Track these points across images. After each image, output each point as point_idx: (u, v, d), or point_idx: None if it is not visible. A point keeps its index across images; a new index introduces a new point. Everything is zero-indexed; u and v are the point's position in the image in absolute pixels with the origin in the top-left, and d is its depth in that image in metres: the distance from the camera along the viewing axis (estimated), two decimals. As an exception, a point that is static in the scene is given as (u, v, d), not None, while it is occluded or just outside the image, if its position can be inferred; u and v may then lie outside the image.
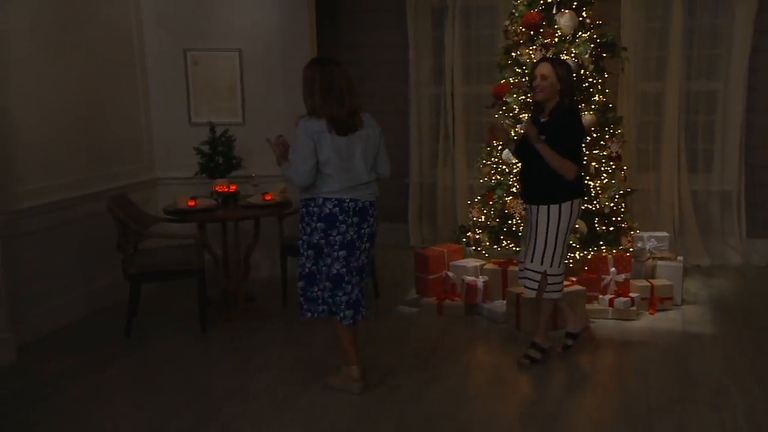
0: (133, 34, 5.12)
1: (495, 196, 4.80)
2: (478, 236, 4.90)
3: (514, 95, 4.72)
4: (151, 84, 5.29)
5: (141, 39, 5.19)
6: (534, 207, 3.63)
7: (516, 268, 4.65)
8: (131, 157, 5.14)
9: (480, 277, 4.68)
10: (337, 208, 3.29)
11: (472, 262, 4.82)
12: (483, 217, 4.89)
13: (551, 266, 3.63)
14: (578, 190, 3.64)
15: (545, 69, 3.54)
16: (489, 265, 4.78)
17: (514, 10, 4.75)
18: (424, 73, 6.27)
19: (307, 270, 3.44)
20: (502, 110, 4.86)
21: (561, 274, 3.71)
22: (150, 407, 3.35)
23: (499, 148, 4.88)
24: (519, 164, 3.97)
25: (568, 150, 3.52)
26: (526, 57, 4.61)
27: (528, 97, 4.67)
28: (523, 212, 4.39)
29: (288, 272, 4.93)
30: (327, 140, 3.23)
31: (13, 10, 4.02)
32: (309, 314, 3.49)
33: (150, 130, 5.34)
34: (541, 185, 3.58)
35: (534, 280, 3.69)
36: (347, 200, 3.29)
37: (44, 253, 4.24)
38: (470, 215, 5.03)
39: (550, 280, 3.68)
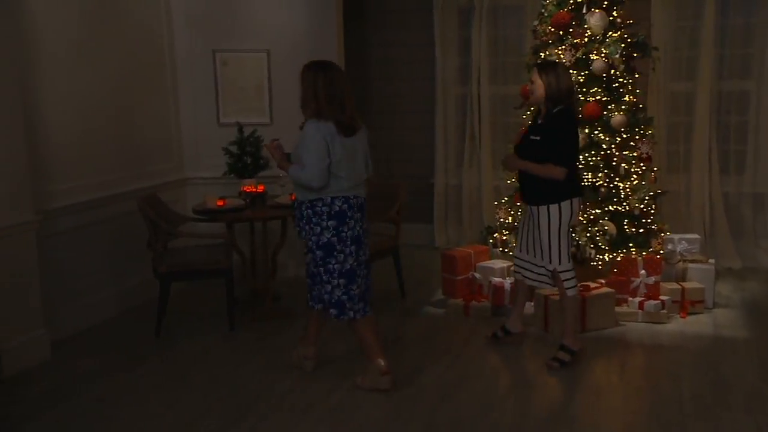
0: (164, 35, 5.18)
1: (522, 197, 4.76)
2: (504, 237, 4.87)
3: (543, 95, 4.67)
4: (180, 85, 5.34)
5: (171, 40, 5.25)
6: (534, 208, 3.73)
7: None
8: (161, 157, 5.20)
9: (507, 278, 4.65)
10: (346, 205, 3.40)
11: (498, 264, 4.79)
12: (510, 218, 4.86)
13: (560, 263, 3.73)
14: (575, 190, 3.75)
15: (533, 74, 3.69)
16: (516, 267, 4.75)
17: (543, 10, 4.71)
18: (451, 73, 6.25)
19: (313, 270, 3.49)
20: (529, 111, 4.82)
21: (570, 270, 3.78)
22: (180, 406, 3.38)
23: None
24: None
25: (558, 152, 3.61)
26: (555, 57, 4.58)
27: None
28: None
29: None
30: (338, 142, 3.34)
31: (48, 12, 4.08)
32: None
33: (179, 130, 5.39)
34: (540, 187, 3.69)
35: (543, 275, 3.84)
36: (352, 197, 3.43)
37: (76, 252, 4.31)
38: (497, 216, 5.00)
39: (563, 276, 3.75)
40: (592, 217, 4.54)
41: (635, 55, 4.62)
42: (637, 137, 4.61)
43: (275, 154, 3.56)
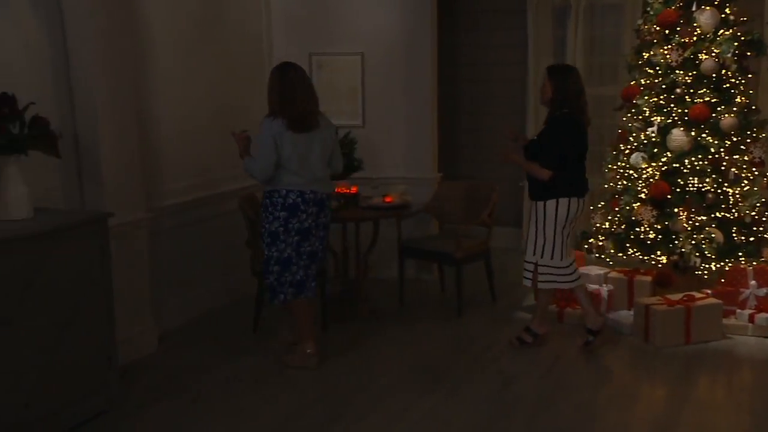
0: (263, 38, 5.33)
1: (621, 202, 4.62)
2: (601, 243, 4.73)
3: (645, 97, 4.51)
4: (277, 87, 5.47)
5: (270, 43, 5.39)
6: (534, 203, 3.92)
7: (643, 278, 4.49)
8: (258, 157, 5.34)
9: (604, 285, 4.52)
10: (300, 199, 3.64)
11: (595, 270, 4.66)
12: (607, 223, 4.72)
13: (542, 257, 3.89)
14: (575, 190, 3.88)
15: (544, 78, 3.89)
16: (613, 274, 4.60)
17: (648, 8, 4.54)
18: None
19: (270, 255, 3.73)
20: (630, 113, 4.67)
21: (558, 267, 3.89)
22: (278, 403, 3.46)
23: (626, 152, 4.70)
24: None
25: (546, 154, 3.79)
26: (660, 57, 4.40)
27: (660, 100, 4.47)
28: (650, 219, 4.31)
29: (405, 273, 4.98)
30: (287, 138, 3.57)
31: (158, 16, 4.27)
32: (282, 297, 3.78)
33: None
34: (538, 184, 3.85)
35: (528, 270, 3.99)
36: (308, 192, 3.65)
37: (181, 249, 4.49)
38: (593, 221, 4.86)
39: (540, 270, 3.92)
40: (697, 224, 4.34)
41: (748, 54, 4.38)
42: (748, 140, 4.37)
43: (239, 145, 3.78)
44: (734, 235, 4.32)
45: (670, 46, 4.38)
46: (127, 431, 3.19)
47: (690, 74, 4.38)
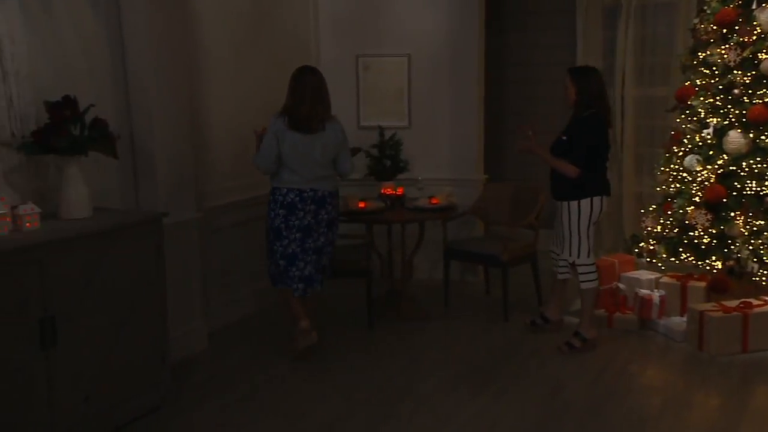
0: (311, 40, 5.38)
1: (674, 206, 4.51)
2: (652, 247, 4.63)
3: (701, 98, 4.40)
4: (324, 89, 5.51)
5: (318, 45, 5.43)
6: (560, 203, 4.01)
7: (697, 283, 4.38)
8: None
9: (656, 291, 4.42)
10: (298, 198, 3.82)
11: (646, 275, 4.56)
12: (659, 227, 4.61)
13: (579, 257, 3.99)
14: (601, 189, 3.96)
15: (566, 79, 3.97)
16: (665, 279, 4.50)
17: (705, 7, 4.42)
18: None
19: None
20: (685, 114, 4.56)
21: (590, 264, 4.03)
22: (325, 403, 3.48)
23: (680, 154, 4.59)
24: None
25: (576, 152, 3.87)
26: (717, 57, 4.28)
27: (716, 101, 4.35)
28: (705, 223, 4.24)
29: (450, 275, 4.96)
30: (288, 137, 3.77)
31: (212, 18, 4.35)
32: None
33: (321, 132, 5.56)
34: (566, 183, 3.93)
35: (565, 267, 4.16)
36: (308, 190, 3.83)
37: (230, 248, 4.56)
38: (643, 225, 4.76)
39: (580, 270, 4.03)
40: (755, 228, 4.20)
41: (813, 54, 4.22)
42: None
43: (256, 140, 3.94)
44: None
45: (728, 46, 4.25)
46: (180, 428, 3.25)
47: (749, 74, 4.24)
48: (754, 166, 4.24)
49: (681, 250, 4.44)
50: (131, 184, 3.77)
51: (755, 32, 4.19)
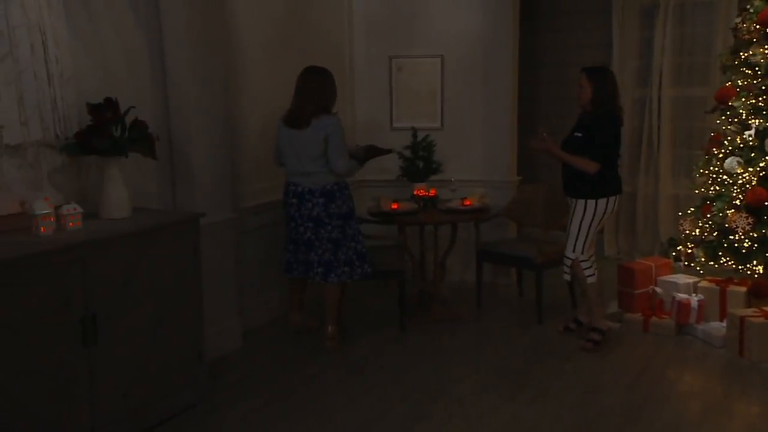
0: (345, 42, 5.40)
1: (713, 209, 4.42)
2: (690, 251, 4.54)
3: (742, 99, 4.30)
4: (357, 90, 5.53)
5: (351, 47, 5.45)
6: (573, 200, 4.07)
7: (737, 288, 4.29)
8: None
9: (694, 295, 4.33)
10: (286, 189, 4.10)
11: (683, 279, 4.48)
12: (697, 230, 4.52)
13: (576, 252, 4.07)
14: (615, 188, 4.05)
15: (582, 78, 4.02)
16: (704, 283, 4.41)
17: (748, 6, 4.32)
18: (629, 75, 5.95)
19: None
20: (725, 115, 4.46)
21: (588, 259, 4.10)
22: (359, 404, 3.49)
23: (720, 156, 4.49)
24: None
25: (595, 148, 3.94)
26: (760, 57, 4.19)
27: (759, 102, 4.26)
28: (745, 226, 4.17)
29: (483, 277, 4.93)
30: (282, 132, 4.06)
31: (248, 21, 4.38)
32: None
33: (354, 134, 5.58)
34: (582, 182, 4.00)
35: (567, 266, 4.15)
36: (291, 184, 4.06)
37: (263, 248, 4.59)
38: (681, 228, 4.67)
39: (583, 265, 4.08)
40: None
41: None
42: None
43: None
44: None
45: (770, 46, 4.16)
46: (215, 426, 3.29)
47: (792, 75, 4.14)
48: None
49: (720, 254, 4.34)
50: (169, 185, 3.82)
51: (800, 31, 4.09)
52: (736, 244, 4.25)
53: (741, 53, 4.36)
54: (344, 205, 4.07)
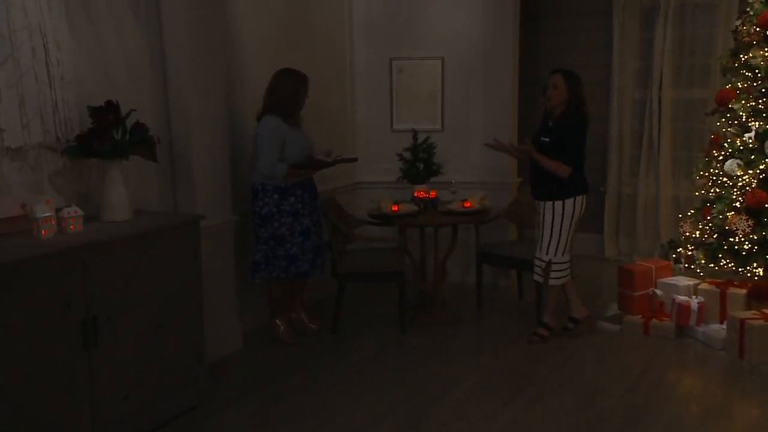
0: (346, 45, 5.40)
1: (713, 211, 4.42)
2: (690, 253, 4.54)
3: (742, 101, 4.31)
4: (358, 92, 5.54)
5: (352, 50, 5.45)
6: (541, 203, 4.12)
7: (737, 290, 4.29)
8: (337, 161, 5.40)
9: (694, 297, 4.34)
10: None
11: (683, 281, 4.48)
12: (697, 232, 4.52)
13: (555, 255, 4.11)
14: (581, 188, 4.11)
15: (557, 79, 4.02)
16: (704, 285, 4.41)
17: (748, 9, 4.33)
18: (629, 77, 5.96)
19: None
20: (725, 117, 4.47)
21: (565, 262, 4.15)
22: (360, 406, 3.49)
23: (720, 158, 4.50)
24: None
25: (568, 152, 4.00)
26: (760, 59, 4.19)
27: (759, 104, 4.26)
28: (746, 228, 4.13)
29: (483, 279, 4.93)
30: None
31: (245, 24, 4.39)
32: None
33: (355, 135, 5.59)
34: (549, 184, 4.05)
35: (540, 267, 4.20)
36: None
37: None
38: (681, 230, 4.67)
39: (554, 267, 4.14)
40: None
41: None
42: None
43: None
44: None
45: (770, 48, 4.16)
46: (215, 428, 3.30)
47: (792, 77, 4.15)
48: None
49: (720, 256, 4.34)
50: (169, 187, 3.83)
51: (800, 34, 4.09)
52: (736, 247, 4.25)
53: (741, 55, 4.37)
54: (265, 206, 4.08)
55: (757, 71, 4.25)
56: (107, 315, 2.90)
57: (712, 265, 4.41)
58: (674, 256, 4.66)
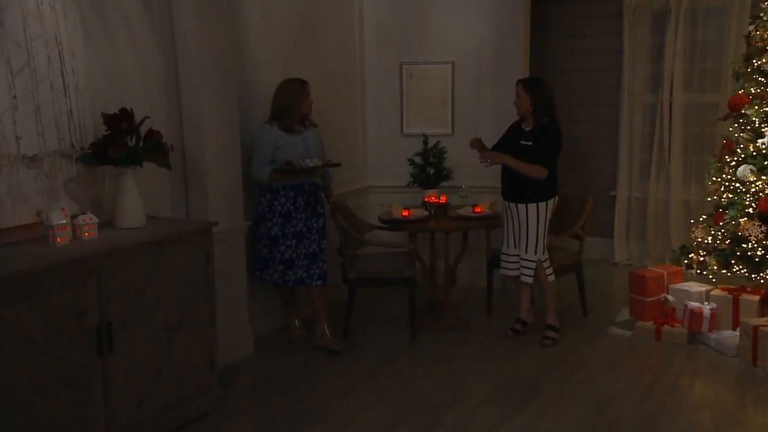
0: (356, 50, 5.41)
1: (726, 217, 4.40)
2: (702, 259, 4.52)
3: (755, 107, 4.29)
4: (368, 97, 5.54)
5: (362, 55, 5.46)
6: (513, 205, 4.28)
7: (750, 296, 4.27)
8: (349, 165, 5.40)
9: (706, 303, 4.32)
10: None
11: (695, 287, 4.46)
12: (710, 238, 4.51)
13: (544, 253, 4.28)
14: (554, 191, 4.28)
15: (518, 90, 4.21)
16: (716, 291, 4.39)
17: (761, 14, 4.31)
18: (639, 81, 5.93)
19: None
20: (738, 123, 4.45)
21: (547, 259, 4.31)
22: (372, 412, 3.50)
23: (732, 164, 4.48)
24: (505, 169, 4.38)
25: (545, 155, 4.15)
26: (773, 64, 4.17)
27: (772, 109, 4.24)
28: (758, 234, 4.10)
29: (493, 284, 4.93)
30: None
31: (257, 31, 4.40)
32: None
33: (365, 140, 5.59)
34: (525, 188, 4.20)
35: (531, 269, 4.30)
36: None
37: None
38: (693, 235, 4.66)
39: (544, 265, 4.28)
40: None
41: None
42: None
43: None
44: None
45: (783, 53, 4.14)
46: (228, 433, 3.31)
47: (805, 83, 4.13)
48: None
49: (733, 262, 4.33)
50: (182, 194, 3.85)
51: (813, 39, 4.07)
52: (749, 253, 4.24)
53: (754, 61, 4.35)
54: (259, 206, 4.20)
55: (769, 77, 4.23)
56: (121, 321, 2.92)
57: (724, 271, 4.39)
58: (686, 261, 4.64)
